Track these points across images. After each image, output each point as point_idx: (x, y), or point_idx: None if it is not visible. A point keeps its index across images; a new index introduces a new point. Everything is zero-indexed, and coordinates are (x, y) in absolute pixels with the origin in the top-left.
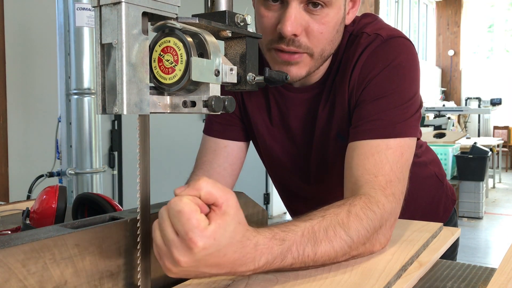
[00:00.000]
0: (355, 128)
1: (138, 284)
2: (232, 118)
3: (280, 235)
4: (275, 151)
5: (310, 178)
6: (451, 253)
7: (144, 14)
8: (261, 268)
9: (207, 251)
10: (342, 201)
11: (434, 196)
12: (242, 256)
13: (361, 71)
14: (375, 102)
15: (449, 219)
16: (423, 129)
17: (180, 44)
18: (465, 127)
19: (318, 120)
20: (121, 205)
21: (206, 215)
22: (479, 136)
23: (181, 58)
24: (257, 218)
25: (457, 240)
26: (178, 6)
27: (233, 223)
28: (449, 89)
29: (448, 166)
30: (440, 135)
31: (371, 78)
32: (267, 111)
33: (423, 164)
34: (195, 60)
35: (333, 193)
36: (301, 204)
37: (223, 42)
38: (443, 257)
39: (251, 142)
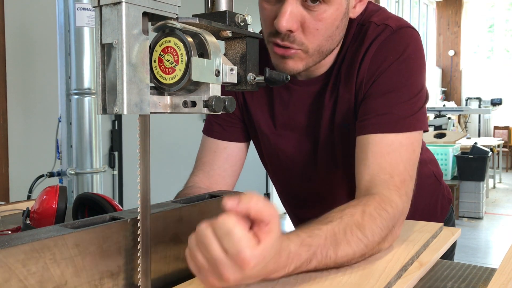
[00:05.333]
0: (364, 121)
1: (139, 284)
2: (232, 118)
3: (307, 241)
4: (279, 149)
5: (315, 174)
6: (449, 252)
7: (145, 14)
8: (290, 273)
9: (256, 268)
10: (357, 201)
11: (432, 195)
12: (277, 265)
13: (371, 64)
14: (385, 96)
15: (448, 219)
16: None
17: (181, 44)
18: (466, 127)
19: (324, 112)
20: (122, 205)
21: (250, 228)
22: (479, 136)
23: (182, 58)
24: None
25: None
26: (179, 6)
27: (277, 239)
28: (450, 89)
29: (449, 166)
30: (441, 135)
31: (381, 72)
32: (270, 109)
33: (423, 163)
34: (196, 60)
35: (337, 193)
36: (304, 208)
37: (223, 42)
38: (442, 257)
39: (251, 142)
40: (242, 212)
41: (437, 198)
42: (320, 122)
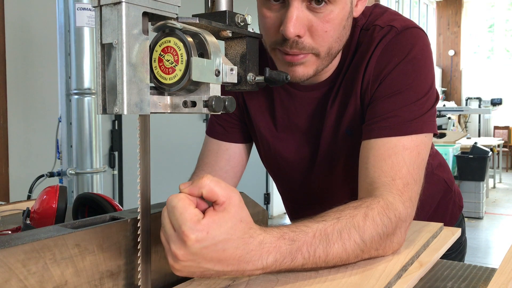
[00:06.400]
0: (370, 126)
1: (139, 284)
2: (233, 120)
3: (289, 235)
4: (278, 152)
5: (314, 178)
6: (458, 261)
7: (145, 14)
8: (270, 267)
9: (201, 244)
10: (359, 202)
11: (440, 202)
12: (246, 253)
13: (376, 66)
14: (391, 99)
15: (456, 226)
16: None
17: (181, 44)
18: (466, 127)
19: (326, 118)
20: (122, 205)
21: (205, 211)
22: (479, 136)
23: (182, 58)
24: (257, 218)
25: (465, 248)
26: (179, 6)
27: (233, 220)
28: (450, 89)
29: (449, 166)
30: (441, 135)
31: (387, 74)
32: (271, 112)
33: (430, 170)
34: (196, 60)
35: (337, 196)
36: (303, 210)
37: (223, 42)
38: (451, 259)
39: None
40: (194, 192)
41: (446, 205)
42: (321, 128)
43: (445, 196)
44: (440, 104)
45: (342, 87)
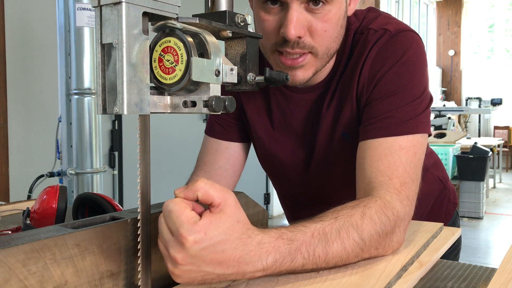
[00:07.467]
0: (366, 127)
1: (139, 284)
2: (232, 119)
3: (287, 235)
4: (273, 153)
5: (309, 180)
6: (453, 257)
7: (145, 14)
8: (270, 268)
9: (200, 245)
10: (356, 202)
11: (437, 200)
12: (246, 253)
13: (371, 68)
14: (386, 100)
15: (451, 223)
16: None
17: (181, 44)
18: (466, 127)
19: (321, 120)
20: (122, 205)
21: (201, 214)
22: (479, 136)
23: (182, 58)
24: (258, 218)
25: (460, 244)
26: (179, 6)
27: (230, 220)
28: (450, 89)
29: (449, 166)
30: (441, 135)
31: (381, 76)
32: (267, 114)
33: (425, 169)
34: (196, 60)
35: (334, 198)
36: (301, 211)
37: (223, 42)
38: (446, 258)
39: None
40: (189, 196)
41: (441, 202)
42: (316, 131)
43: (440, 194)
44: (440, 104)
45: (338, 91)
